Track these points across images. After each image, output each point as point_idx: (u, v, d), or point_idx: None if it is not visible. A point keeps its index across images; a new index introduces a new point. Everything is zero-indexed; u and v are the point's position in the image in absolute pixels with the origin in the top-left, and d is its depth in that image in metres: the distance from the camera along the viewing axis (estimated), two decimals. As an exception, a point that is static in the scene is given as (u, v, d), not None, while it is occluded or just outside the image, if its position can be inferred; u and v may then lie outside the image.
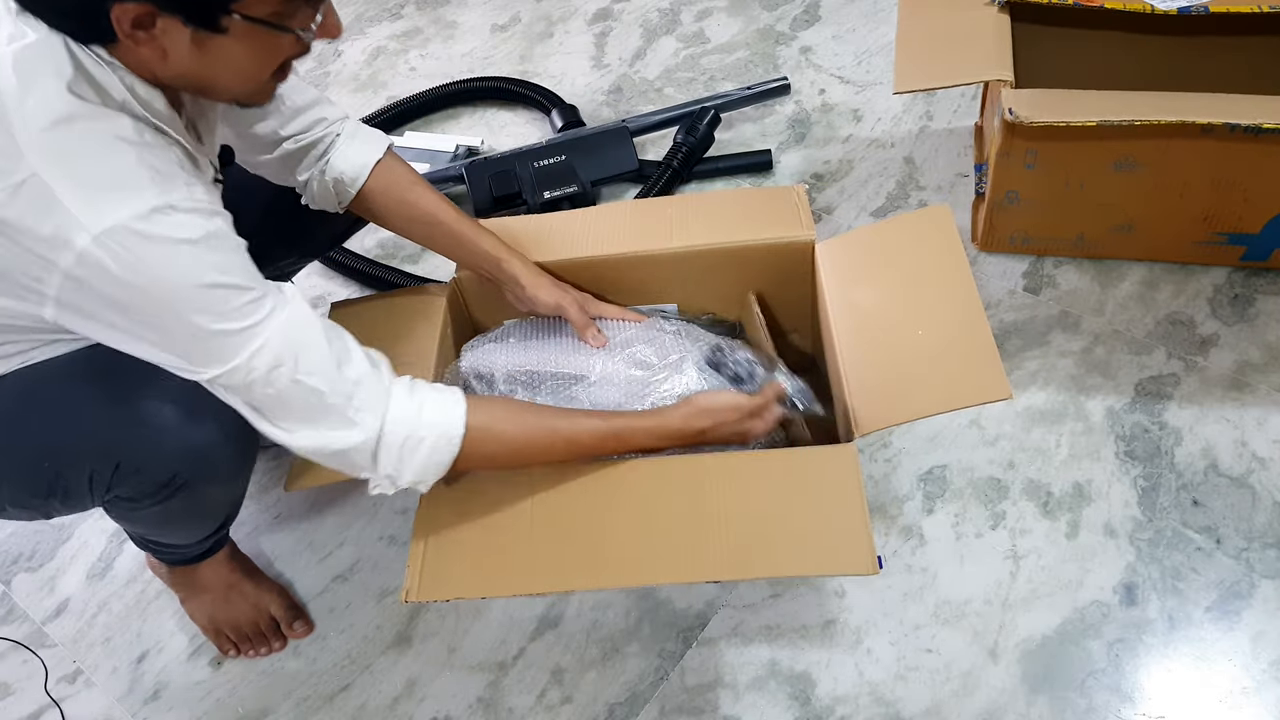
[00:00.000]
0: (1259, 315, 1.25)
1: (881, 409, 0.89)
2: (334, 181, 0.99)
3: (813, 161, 1.57)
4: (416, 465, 0.81)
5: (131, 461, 0.81)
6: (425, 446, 0.80)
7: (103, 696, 1.11)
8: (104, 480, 0.82)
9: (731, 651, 1.04)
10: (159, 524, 0.97)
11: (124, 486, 0.83)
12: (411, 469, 0.81)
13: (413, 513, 0.90)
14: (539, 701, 1.04)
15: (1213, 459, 1.12)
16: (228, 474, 0.88)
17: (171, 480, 0.83)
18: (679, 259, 1.07)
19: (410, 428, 0.80)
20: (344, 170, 0.99)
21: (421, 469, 0.82)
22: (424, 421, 0.80)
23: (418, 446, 0.80)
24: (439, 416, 0.81)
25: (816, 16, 1.85)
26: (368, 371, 0.79)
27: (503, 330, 1.10)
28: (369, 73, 1.94)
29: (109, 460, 0.81)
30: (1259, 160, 1.14)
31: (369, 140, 1.00)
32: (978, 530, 1.10)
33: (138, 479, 0.82)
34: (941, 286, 0.96)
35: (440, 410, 0.82)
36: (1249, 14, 1.23)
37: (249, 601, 1.11)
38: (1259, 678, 0.96)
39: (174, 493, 0.84)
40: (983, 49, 1.21)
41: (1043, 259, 1.36)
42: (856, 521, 0.82)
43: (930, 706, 0.98)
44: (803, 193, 1.09)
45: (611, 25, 1.93)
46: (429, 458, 0.81)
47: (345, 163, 0.98)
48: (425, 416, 0.81)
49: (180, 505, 0.87)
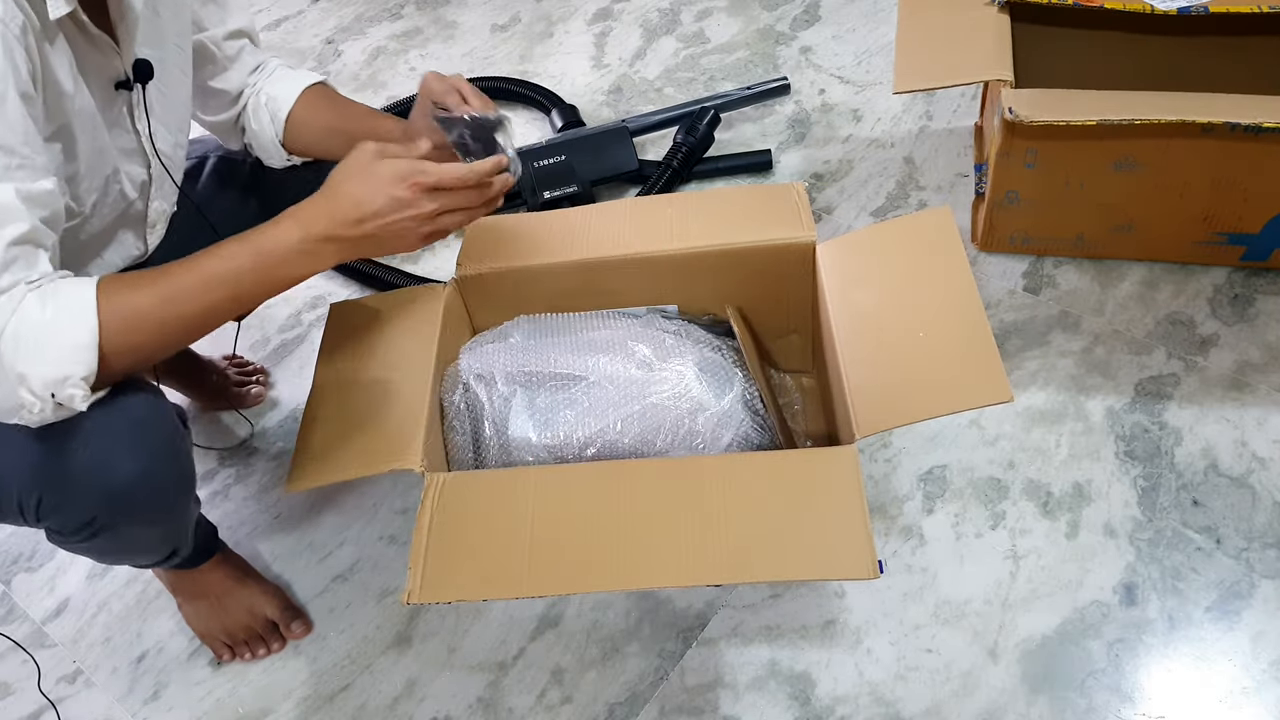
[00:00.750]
0: (1259, 315, 1.25)
1: (882, 411, 0.89)
2: (268, 101, 1.01)
3: (813, 161, 1.57)
4: (53, 354, 0.69)
5: (50, 498, 0.79)
6: (55, 329, 0.69)
7: (103, 696, 1.11)
8: (31, 510, 0.80)
9: (731, 651, 1.04)
10: (96, 555, 0.94)
11: (51, 519, 0.81)
12: (47, 363, 0.69)
13: (413, 513, 0.91)
14: (539, 701, 1.04)
15: (1213, 459, 1.12)
16: (151, 518, 0.85)
17: (91, 521, 0.81)
18: (679, 260, 1.07)
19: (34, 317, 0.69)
20: (274, 94, 1.01)
21: (58, 360, 0.70)
22: (48, 306, 0.69)
23: (46, 329, 0.69)
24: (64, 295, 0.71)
25: (816, 16, 1.85)
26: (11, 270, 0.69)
27: (502, 330, 1.10)
28: (369, 73, 1.94)
29: (32, 492, 0.78)
30: (1259, 160, 1.14)
31: (303, 72, 1.05)
32: (978, 530, 1.10)
33: (59, 515, 0.80)
34: (942, 288, 0.95)
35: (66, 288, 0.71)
36: (1249, 14, 1.23)
37: (243, 606, 1.10)
38: (1259, 678, 0.96)
39: (96, 532, 0.82)
40: (983, 49, 1.21)
41: (1043, 259, 1.36)
42: (857, 525, 0.82)
43: (930, 706, 0.98)
44: (802, 190, 1.09)
45: (611, 25, 1.93)
46: (63, 339, 0.70)
47: (275, 88, 1.02)
48: (48, 300, 0.70)
49: (107, 544, 0.86)
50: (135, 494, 0.80)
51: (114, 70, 0.85)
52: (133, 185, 0.92)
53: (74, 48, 0.79)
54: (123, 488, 0.79)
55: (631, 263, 1.08)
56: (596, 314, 1.11)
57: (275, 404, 1.37)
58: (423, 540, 0.86)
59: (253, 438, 1.33)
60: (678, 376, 1.01)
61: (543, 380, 1.03)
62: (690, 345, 1.06)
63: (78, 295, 0.71)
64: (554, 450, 1.01)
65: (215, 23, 0.99)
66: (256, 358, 1.43)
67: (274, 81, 1.03)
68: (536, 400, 1.03)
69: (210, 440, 1.33)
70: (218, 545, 1.10)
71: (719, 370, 1.05)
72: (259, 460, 1.30)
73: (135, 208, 0.95)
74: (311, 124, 1.03)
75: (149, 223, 0.98)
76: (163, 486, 0.83)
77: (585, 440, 1.00)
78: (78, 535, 0.83)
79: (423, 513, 0.88)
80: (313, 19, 2.12)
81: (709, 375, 1.03)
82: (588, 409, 1.01)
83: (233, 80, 1.02)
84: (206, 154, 1.11)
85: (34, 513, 0.80)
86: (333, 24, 2.09)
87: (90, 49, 0.81)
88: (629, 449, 1.00)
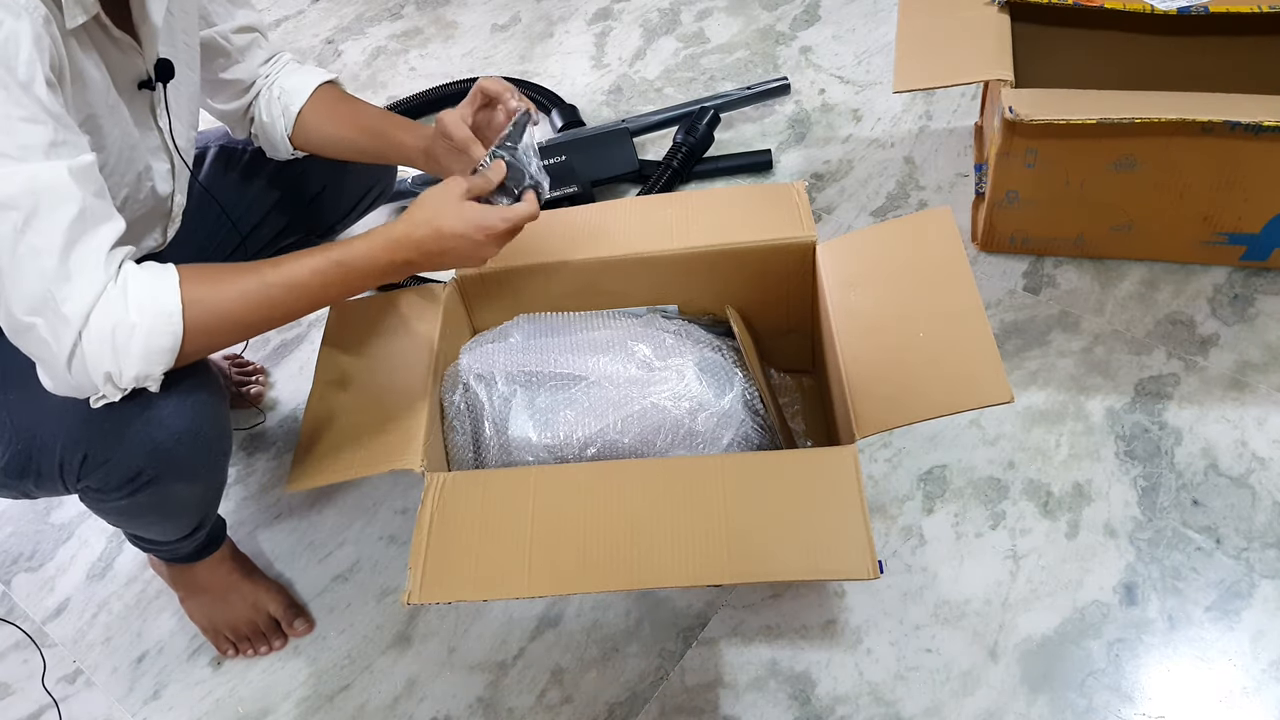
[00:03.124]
0: (1259, 315, 1.25)
1: (882, 411, 0.89)
2: (280, 94, 1.03)
3: (813, 161, 1.57)
4: (135, 357, 0.73)
5: (98, 454, 0.81)
6: (140, 333, 0.72)
7: (103, 696, 1.11)
8: (73, 469, 0.82)
9: (731, 651, 1.04)
10: (129, 518, 0.96)
11: (93, 477, 0.83)
12: (132, 363, 0.73)
13: (413, 513, 0.91)
14: (539, 701, 1.04)
15: (1213, 459, 1.12)
16: (194, 473, 0.87)
17: (138, 476, 0.83)
18: (679, 260, 1.07)
19: (117, 316, 0.71)
20: (287, 88, 1.03)
21: (143, 360, 0.73)
22: (131, 303, 0.72)
23: (132, 333, 0.72)
24: (147, 294, 0.73)
25: (816, 16, 1.85)
26: (97, 265, 0.71)
27: (502, 330, 1.10)
28: (369, 73, 1.95)
29: (77, 449, 0.80)
30: (1259, 159, 1.14)
31: (315, 69, 1.06)
32: (978, 530, 1.10)
33: (104, 471, 0.82)
34: (942, 288, 0.95)
35: (148, 285, 0.74)
36: (1249, 14, 1.23)
37: (247, 601, 1.11)
38: (1259, 678, 0.96)
39: (140, 488, 0.84)
40: (983, 49, 1.22)
41: (1043, 259, 1.36)
42: (857, 525, 0.82)
43: (930, 706, 0.98)
44: (802, 190, 1.09)
45: (611, 25, 1.93)
46: (147, 343, 0.73)
47: (289, 81, 1.04)
48: (132, 296, 0.72)
49: (148, 500, 0.87)
50: (182, 449, 0.82)
51: (137, 70, 0.87)
52: (163, 181, 0.95)
53: (100, 50, 0.81)
54: (170, 442, 0.81)
55: (631, 263, 1.08)
56: (597, 314, 1.11)
57: (275, 404, 1.37)
58: (423, 540, 0.87)
59: (256, 428, 1.33)
60: (678, 376, 1.01)
61: (543, 380, 1.03)
62: (690, 345, 1.06)
63: (162, 294, 0.74)
64: (554, 450, 1.01)
65: (224, 18, 1.01)
66: (256, 357, 1.43)
67: (287, 75, 1.05)
68: (537, 400, 1.03)
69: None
70: (224, 538, 1.10)
71: (719, 370, 1.05)
72: (259, 460, 1.30)
73: (164, 204, 0.97)
74: (322, 125, 1.04)
75: (171, 216, 1.00)
76: (206, 443, 0.85)
77: (585, 440, 1.00)
78: (120, 492, 0.84)
79: (423, 513, 0.88)
80: (313, 19, 2.12)
81: (709, 375, 1.03)
82: (588, 409, 1.01)
83: (245, 71, 1.04)
84: (208, 144, 1.13)
85: (75, 471, 0.82)
86: (333, 24, 2.10)
87: (114, 50, 0.83)
88: (629, 449, 1.00)
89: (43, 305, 0.70)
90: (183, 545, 1.03)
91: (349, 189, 1.20)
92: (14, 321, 0.71)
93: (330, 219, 1.22)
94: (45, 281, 0.70)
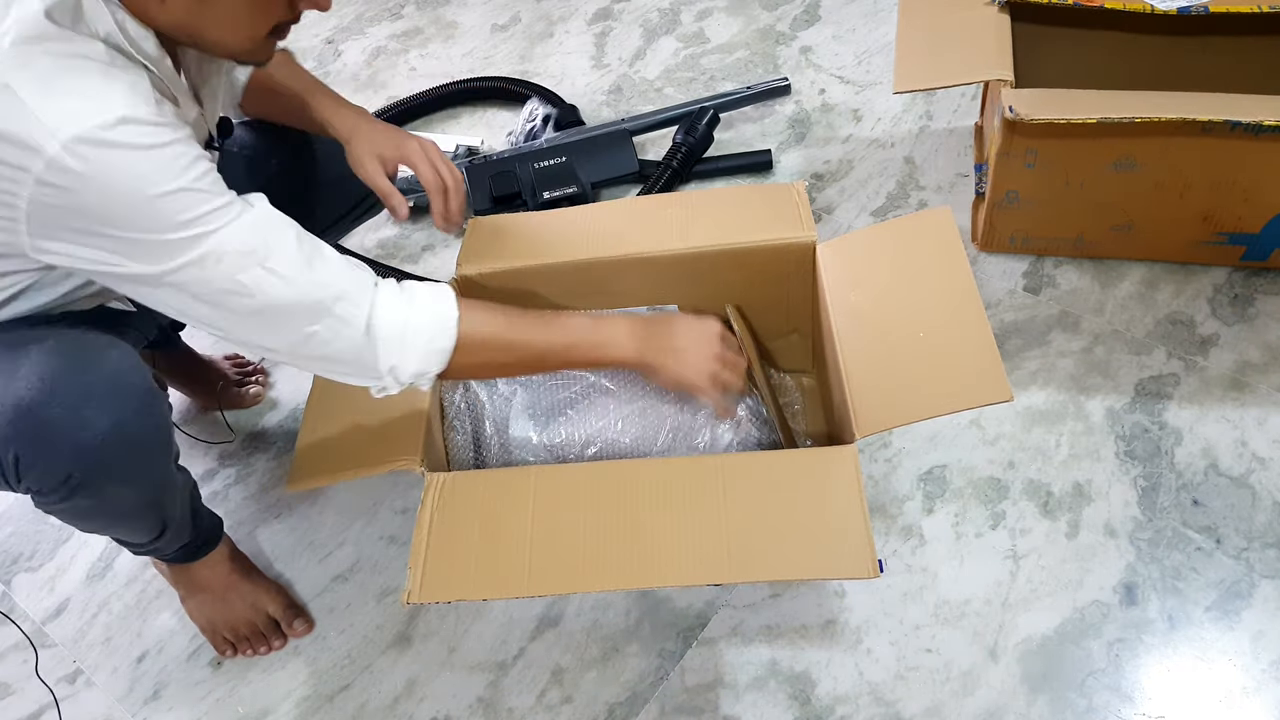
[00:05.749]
0: (1259, 315, 1.25)
1: (882, 410, 0.89)
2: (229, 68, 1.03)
3: (813, 161, 1.57)
4: (418, 354, 0.82)
5: (28, 455, 0.79)
6: (424, 334, 0.82)
7: (103, 696, 1.11)
8: (12, 470, 0.80)
9: (731, 651, 1.04)
10: (80, 520, 0.93)
11: (30, 479, 0.81)
12: (414, 359, 0.82)
13: (413, 513, 0.91)
14: (539, 701, 1.04)
15: (1213, 459, 1.12)
16: (125, 474, 0.85)
17: (68, 479, 0.81)
18: (679, 259, 1.07)
19: (404, 315, 0.81)
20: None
21: (424, 358, 0.83)
22: (417, 307, 0.82)
23: (418, 333, 0.82)
24: (430, 302, 0.83)
25: (816, 16, 1.85)
26: (344, 268, 0.80)
27: (503, 330, 1.10)
28: (369, 73, 1.95)
29: (9, 449, 0.79)
30: (1259, 159, 1.14)
31: None
32: (978, 530, 1.10)
33: (37, 474, 0.80)
34: (942, 288, 0.96)
35: (431, 296, 0.83)
36: (1249, 14, 1.23)
37: (246, 601, 1.11)
38: (1259, 678, 0.96)
39: (74, 491, 0.82)
40: (983, 49, 1.21)
41: (1043, 259, 1.36)
42: (857, 524, 0.82)
43: (930, 706, 0.98)
44: (802, 190, 1.09)
45: (611, 25, 1.93)
46: (429, 345, 0.83)
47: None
48: (418, 302, 0.82)
49: (87, 504, 0.86)
50: (108, 450, 0.80)
51: (203, 133, 0.88)
52: None
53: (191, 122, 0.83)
54: (95, 443, 0.79)
55: (631, 262, 1.08)
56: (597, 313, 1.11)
57: (275, 404, 1.37)
58: (423, 540, 0.87)
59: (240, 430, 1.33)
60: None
61: (544, 380, 1.04)
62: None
63: (444, 306, 0.84)
64: (555, 450, 1.01)
65: None
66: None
67: None
68: (537, 400, 1.03)
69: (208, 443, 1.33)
70: (221, 537, 1.09)
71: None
72: (259, 460, 1.30)
73: None
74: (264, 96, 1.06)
75: None
76: (136, 443, 0.83)
77: (586, 440, 1.00)
78: (57, 494, 0.82)
79: (423, 513, 0.88)
80: (313, 19, 2.12)
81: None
82: (588, 408, 1.01)
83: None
84: None
85: (14, 472, 0.80)
86: (333, 24, 2.10)
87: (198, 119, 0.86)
88: (630, 448, 1.00)
89: (317, 312, 0.77)
90: (163, 546, 1.02)
91: (339, 199, 1.19)
92: (293, 337, 0.78)
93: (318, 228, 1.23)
94: (312, 291, 0.76)
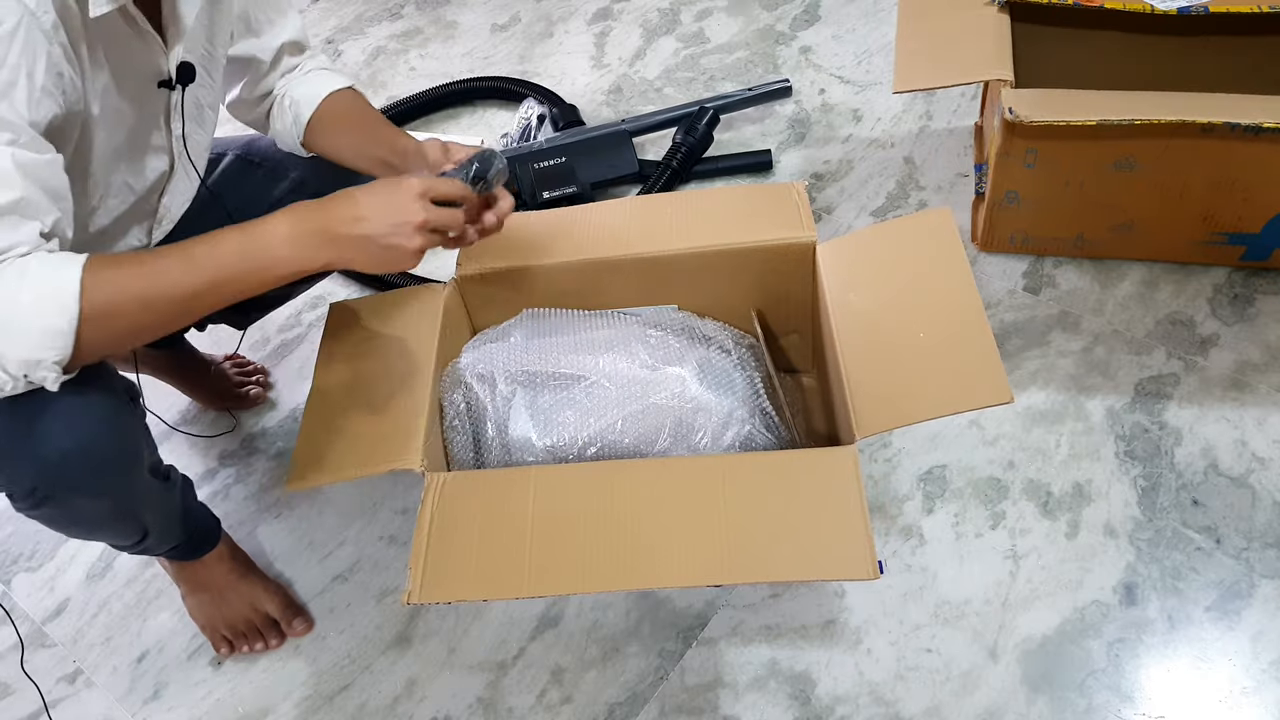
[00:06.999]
0: (1259, 315, 1.25)
1: (882, 411, 0.89)
2: (291, 104, 1.02)
3: (813, 161, 1.57)
4: (28, 339, 0.70)
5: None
6: (33, 312, 0.69)
7: (103, 696, 1.11)
8: None
9: (731, 651, 1.04)
10: (57, 526, 0.91)
11: (1, 486, 0.80)
12: (21, 345, 0.70)
13: (413, 513, 0.91)
14: (539, 701, 1.04)
15: (1213, 459, 1.12)
16: (94, 489, 0.83)
17: (33, 491, 0.79)
18: (679, 260, 1.07)
19: (10, 293, 0.69)
20: (297, 98, 1.03)
21: (35, 343, 0.70)
22: (29, 282, 0.69)
23: (27, 311, 0.69)
24: (47, 273, 0.70)
25: (816, 16, 1.85)
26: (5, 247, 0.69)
27: (503, 329, 1.10)
28: (369, 73, 1.95)
29: None
30: (1259, 160, 1.14)
31: (333, 75, 1.05)
32: (978, 530, 1.10)
33: (5, 480, 0.80)
34: (942, 289, 0.95)
35: (48, 266, 0.70)
36: (1249, 14, 1.23)
37: (245, 601, 1.11)
38: (1259, 678, 0.96)
39: (41, 502, 0.81)
40: (983, 49, 1.21)
41: (1043, 259, 1.36)
42: (857, 525, 0.82)
43: (930, 706, 0.98)
44: (802, 190, 1.09)
45: (611, 25, 1.93)
46: (41, 324, 0.70)
47: (300, 90, 1.03)
48: (30, 276, 0.69)
49: (58, 514, 0.85)
50: (70, 465, 0.78)
51: (157, 69, 0.87)
52: (154, 181, 0.94)
53: (119, 43, 0.80)
54: (57, 458, 0.77)
55: (631, 263, 1.08)
56: (598, 313, 1.11)
57: (275, 404, 1.37)
58: (423, 540, 0.87)
59: (240, 430, 1.33)
60: (679, 377, 1.01)
61: (544, 380, 1.03)
62: (692, 345, 1.06)
63: (62, 276, 0.70)
64: (555, 451, 1.01)
65: (266, 26, 1.01)
66: (256, 357, 1.43)
67: (300, 85, 1.04)
68: (538, 400, 1.03)
69: (208, 444, 1.33)
70: (220, 537, 1.09)
71: (720, 371, 1.05)
72: (259, 460, 1.30)
73: (148, 203, 0.96)
74: (329, 134, 1.04)
75: (157, 218, 0.99)
76: (101, 459, 0.81)
77: (586, 440, 1.00)
78: (25, 504, 0.82)
79: (423, 513, 0.88)
80: (313, 19, 2.12)
81: (710, 376, 1.03)
82: (589, 409, 1.01)
83: (265, 85, 1.04)
84: (226, 150, 1.12)
85: None
86: (333, 24, 2.09)
87: (138, 44, 0.83)
88: (630, 449, 1.00)
89: None
90: (150, 548, 1.01)
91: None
92: None
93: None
94: None
